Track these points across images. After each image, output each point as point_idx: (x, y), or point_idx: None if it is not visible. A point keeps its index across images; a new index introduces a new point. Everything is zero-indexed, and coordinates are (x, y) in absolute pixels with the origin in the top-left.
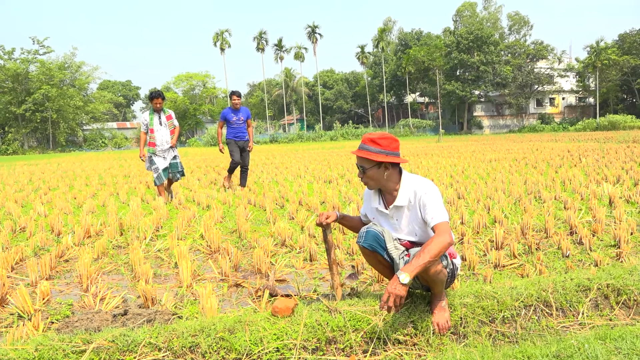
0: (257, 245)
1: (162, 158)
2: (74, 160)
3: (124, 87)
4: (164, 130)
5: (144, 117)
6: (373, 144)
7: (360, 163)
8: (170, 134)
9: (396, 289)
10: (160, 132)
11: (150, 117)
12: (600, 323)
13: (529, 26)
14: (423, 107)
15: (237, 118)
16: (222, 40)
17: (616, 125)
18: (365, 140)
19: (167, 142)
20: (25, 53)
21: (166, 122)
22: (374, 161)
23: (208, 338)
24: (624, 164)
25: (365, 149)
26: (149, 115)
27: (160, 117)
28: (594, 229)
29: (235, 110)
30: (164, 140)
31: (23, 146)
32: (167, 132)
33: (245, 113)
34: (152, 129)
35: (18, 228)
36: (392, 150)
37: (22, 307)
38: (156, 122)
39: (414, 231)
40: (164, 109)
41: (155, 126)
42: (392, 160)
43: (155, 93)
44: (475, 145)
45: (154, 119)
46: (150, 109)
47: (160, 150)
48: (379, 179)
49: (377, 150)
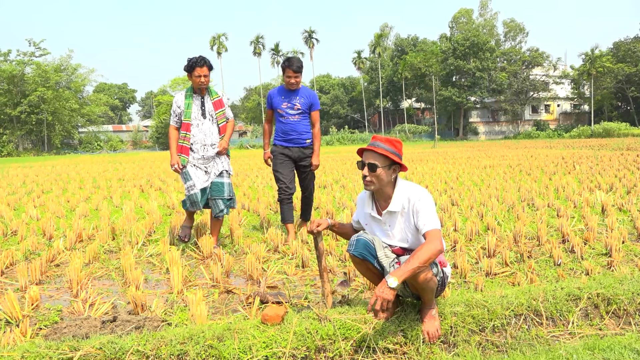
0: (249, 251)
1: (203, 171)
2: (68, 163)
3: (120, 89)
4: (209, 125)
5: (178, 100)
6: (389, 144)
7: (373, 160)
8: (220, 133)
9: (384, 293)
10: (202, 129)
11: (187, 102)
12: (590, 332)
13: (525, 33)
14: (419, 113)
15: (289, 105)
16: (219, 44)
17: (610, 132)
18: (380, 140)
19: (213, 146)
20: (21, 55)
21: (213, 112)
22: (389, 160)
23: (197, 346)
24: (617, 171)
25: (380, 146)
26: (184, 99)
27: (204, 103)
28: (585, 237)
29: (288, 92)
30: (208, 141)
31: (18, 148)
32: (214, 128)
33: (308, 99)
34: (189, 122)
35: (9, 231)
36: (401, 155)
37: (10, 312)
38: (196, 111)
39: (406, 238)
40: (211, 90)
41: (194, 117)
42: (401, 163)
43: (197, 60)
44: (470, 152)
45: (193, 105)
46: (188, 90)
47: (201, 158)
48: (384, 179)
49: (392, 151)
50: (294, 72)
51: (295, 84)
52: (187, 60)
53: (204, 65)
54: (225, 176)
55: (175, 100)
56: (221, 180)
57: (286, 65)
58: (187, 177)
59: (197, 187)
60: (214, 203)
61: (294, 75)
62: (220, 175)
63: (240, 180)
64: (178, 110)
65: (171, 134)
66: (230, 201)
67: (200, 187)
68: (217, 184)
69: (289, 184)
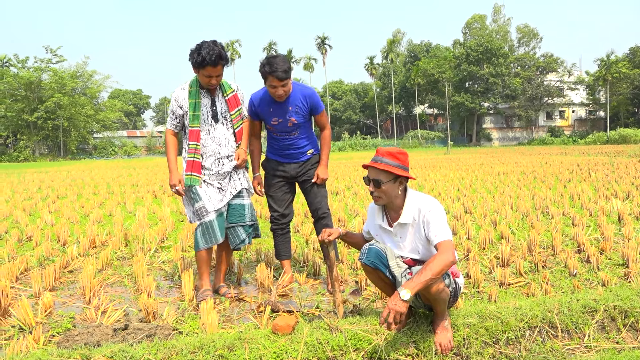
0: (260, 259)
1: (216, 188)
2: (83, 168)
3: (134, 95)
4: (223, 131)
5: (178, 96)
6: (392, 158)
7: (377, 177)
8: (237, 140)
9: (397, 305)
10: (216, 136)
11: (193, 101)
12: (607, 346)
13: (539, 39)
14: (432, 119)
15: (280, 121)
16: (232, 51)
17: (627, 139)
18: (383, 154)
19: (230, 158)
20: (39, 62)
21: (227, 114)
22: (392, 174)
23: (207, 355)
24: (634, 179)
25: (383, 162)
26: (187, 97)
27: (215, 102)
28: (602, 246)
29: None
30: (224, 152)
31: (34, 153)
32: (229, 135)
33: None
34: (197, 128)
35: (25, 237)
36: (407, 166)
37: (23, 319)
38: (205, 113)
39: (417, 249)
40: (223, 83)
41: (203, 121)
42: (406, 176)
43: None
44: (483, 158)
45: (202, 104)
46: (192, 84)
47: (214, 174)
48: (392, 193)
49: (395, 164)
50: (279, 81)
51: (283, 94)
52: (196, 48)
53: (218, 64)
54: (245, 196)
55: (174, 97)
56: (240, 202)
57: (267, 72)
58: (195, 197)
59: (211, 210)
60: (233, 232)
61: (280, 84)
62: (239, 196)
63: None
64: (180, 112)
65: (169, 142)
66: (252, 228)
67: (215, 208)
68: (236, 207)
69: (283, 210)
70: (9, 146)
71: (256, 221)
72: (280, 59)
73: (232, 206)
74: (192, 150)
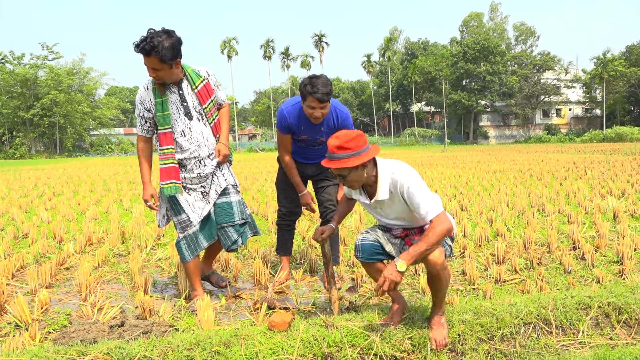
0: (257, 255)
1: (199, 193)
2: (80, 166)
3: (131, 93)
4: (200, 127)
5: (143, 97)
6: (343, 150)
7: (338, 172)
8: (215, 132)
9: (392, 275)
10: (192, 136)
11: (159, 100)
12: (601, 342)
13: (536, 37)
14: (429, 117)
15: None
16: (230, 48)
17: (623, 137)
18: (331, 149)
19: (211, 156)
20: (35, 58)
21: (200, 107)
22: (350, 167)
23: (203, 352)
24: (629, 177)
25: (335, 158)
26: (153, 96)
27: (184, 97)
28: (597, 244)
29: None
30: (204, 153)
31: (30, 150)
32: (206, 131)
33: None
34: (169, 130)
35: (21, 234)
36: (362, 148)
37: (19, 316)
38: (177, 110)
39: (401, 217)
40: (189, 72)
41: (175, 121)
42: (367, 159)
43: (140, 44)
44: (480, 156)
45: (169, 101)
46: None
47: (196, 177)
48: (361, 177)
49: (348, 155)
50: (319, 102)
51: (320, 117)
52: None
53: (150, 53)
54: (232, 193)
55: (139, 99)
56: (227, 200)
57: (309, 92)
58: (177, 207)
59: (194, 223)
60: (223, 233)
61: (319, 106)
62: (225, 194)
63: (249, 184)
64: (147, 114)
65: (140, 150)
66: (244, 227)
67: (198, 218)
68: (223, 206)
69: (293, 208)
70: (4, 143)
71: (249, 218)
72: (322, 79)
73: (219, 205)
74: (166, 156)
